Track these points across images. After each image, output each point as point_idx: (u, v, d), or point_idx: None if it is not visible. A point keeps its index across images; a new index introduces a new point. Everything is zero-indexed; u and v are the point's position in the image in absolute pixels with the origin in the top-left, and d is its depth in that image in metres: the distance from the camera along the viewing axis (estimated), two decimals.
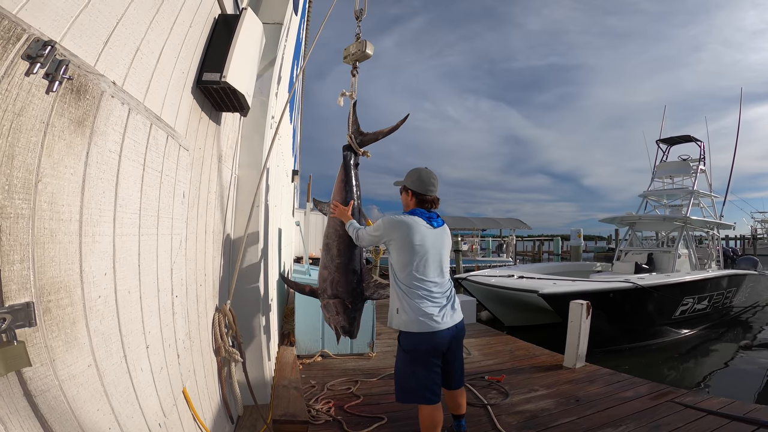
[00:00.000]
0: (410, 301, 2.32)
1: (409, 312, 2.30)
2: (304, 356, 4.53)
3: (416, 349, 2.32)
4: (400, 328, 2.37)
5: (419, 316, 2.28)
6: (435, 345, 2.31)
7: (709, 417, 3.17)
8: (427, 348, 2.31)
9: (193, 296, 2.15)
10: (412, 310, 2.30)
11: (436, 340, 2.30)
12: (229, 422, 2.59)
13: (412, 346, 2.33)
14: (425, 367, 2.33)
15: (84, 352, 1.16)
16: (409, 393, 2.37)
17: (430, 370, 2.33)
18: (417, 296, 2.31)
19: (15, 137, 0.90)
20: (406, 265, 2.34)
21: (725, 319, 10.26)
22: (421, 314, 2.28)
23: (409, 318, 2.30)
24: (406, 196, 2.57)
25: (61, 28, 1.05)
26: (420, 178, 2.52)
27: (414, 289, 2.32)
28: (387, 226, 2.42)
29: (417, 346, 2.31)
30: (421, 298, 2.31)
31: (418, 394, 2.33)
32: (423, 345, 2.30)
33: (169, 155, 1.77)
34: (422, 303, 2.31)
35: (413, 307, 2.30)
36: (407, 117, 2.93)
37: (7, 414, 0.90)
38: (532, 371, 4.40)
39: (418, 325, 2.28)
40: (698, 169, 11.99)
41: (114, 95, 1.28)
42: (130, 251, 1.46)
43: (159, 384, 1.66)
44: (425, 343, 2.29)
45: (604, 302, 6.92)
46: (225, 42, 2.19)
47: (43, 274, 1.00)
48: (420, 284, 2.33)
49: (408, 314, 2.31)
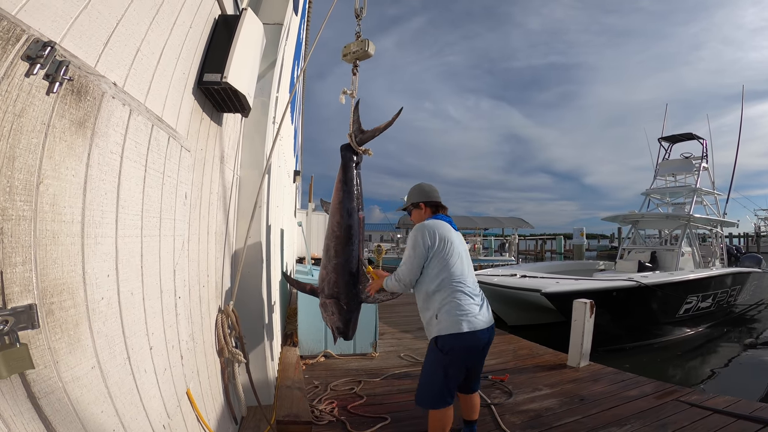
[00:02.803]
0: (451, 302, 2.27)
1: (451, 313, 2.25)
2: (307, 356, 4.53)
3: (456, 348, 2.26)
4: (441, 333, 2.27)
5: (462, 315, 2.24)
6: (475, 344, 2.29)
7: (715, 416, 3.16)
8: (468, 346, 2.28)
9: (196, 297, 2.15)
10: (455, 310, 2.25)
11: (478, 339, 2.28)
12: (232, 423, 2.59)
13: (451, 345, 2.26)
14: (458, 369, 2.30)
15: (87, 353, 1.16)
16: (432, 394, 2.33)
17: (459, 373, 2.32)
18: (458, 297, 2.28)
19: (16, 139, 0.90)
20: (446, 267, 2.32)
21: (729, 318, 10.24)
22: (463, 313, 2.25)
23: (451, 320, 2.25)
24: (419, 211, 2.61)
25: (60, 28, 1.04)
26: (423, 189, 2.64)
27: (455, 290, 2.29)
28: (426, 235, 2.37)
29: (458, 344, 2.25)
30: (463, 296, 2.29)
31: (440, 397, 2.31)
32: (465, 343, 2.26)
33: (171, 156, 1.77)
34: (464, 302, 2.28)
35: (455, 307, 2.26)
36: (401, 110, 2.92)
37: (11, 416, 0.90)
38: (535, 370, 4.38)
39: (462, 324, 2.23)
40: (701, 166, 11.97)
41: (115, 96, 1.28)
42: (133, 253, 1.45)
43: (163, 385, 1.66)
44: (467, 341, 2.25)
45: (608, 301, 6.91)
46: (225, 43, 2.19)
47: (45, 276, 1.00)
48: (459, 285, 2.31)
49: (450, 316, 2.25)
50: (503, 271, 9.86)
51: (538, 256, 37.43)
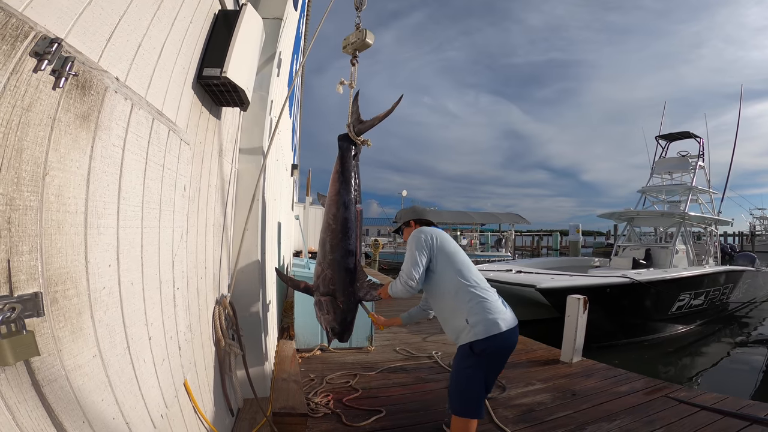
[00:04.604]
0: (478, 304, 2.18)
1: (484, 315, 2.15)
2: (303, 350, 4.57)
3: (495, 351, 2.15)
4: (479, 338, 2.12)
5: (496, 316, 2.15)
6: (511, 342, 2.20)
7: (702, 412, 3.21)
8: (505, 346, 2.18)
9: (194, 289, 2.17)
10: (485, 312, 2.15)
11: (513, 336, 2.19)
12: (229, 415, 2.62)
13: (490, 347, 2.13)
14: (495, 372, 2.23)
15: (89, 342, 1.18)
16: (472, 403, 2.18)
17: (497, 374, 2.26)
18: (482, 297, 2.20)
19: (24, 132, 0.93)
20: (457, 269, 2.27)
21: (722, 316, 10.33)
22: (495, 314, 2.16)
23: (487, 322, 2.13)
24: (410, 230, 2.63)
25: (65, 25, 1.06)
26: (416, 210, 2.79)
27: (475, 291, 2.21)
28: (425, 235, 2.35)
29: (496, 345, 2.14)
30: (486, 294, 2.22)
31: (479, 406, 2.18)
32: (503, 344, 2.15)
33: (171, 149, 1.79)
34: (491, 299, 2.21)
35: (485, 309, 2.16)
36: (401, 98, 2.83)
37: (16, 404, 0.92)
38: (529, 365, 4.44)
39: (499, 325, 2.13)
40: (697, 165, 12.03)
41: (117, 90, 1.30)
42: (133, 243, 1.48)
43: (161, 375, 1.68)
44: (505, 341, 2.15)
45: (602, 297, 6.97)
46: (225, 37, 2.20)
47: (50, 265, 1.03)
48: (476, 286, 2.24)
49: (484, 318, 2.14)
50: (499, 267, 9.92)
51: (535, 252, 37.56)
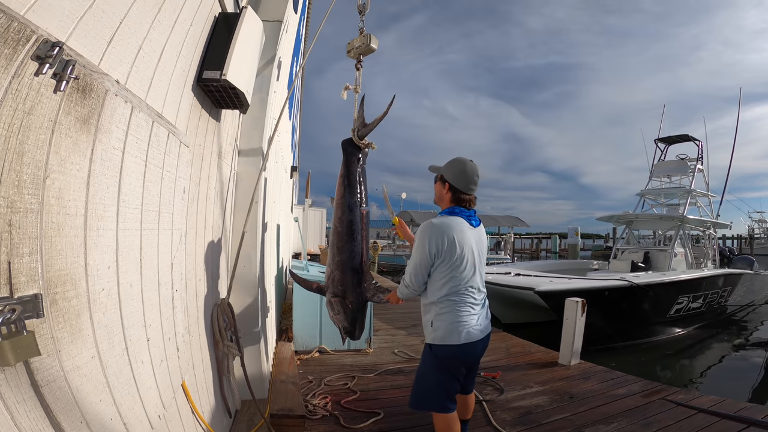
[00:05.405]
0: (450, 311, 2.14)
1: (448, 323, 2.12)
2: (301, 352, 4.57)
3: (449, 357, 2.15)
4: (436, 342, 2.15)
5: (459, 327, 2.11)
6: (471, 354, 2.19)
7: (699, 415, 3.22)
8: (462, 357, 2.17)
9: (192, 290, 2.18)
10: (452, 320, 2.12)
11: (473, 350, 2.17)
12: (226, 416, 2.62)
13: (444, 354, 2.15)
14: (453, 376, 2.20)
15: (88, 343, 1.19)
16: (429, 399, 2.22)
17: (456, 380, 2.21)
18: (459, 306, 2.14)
19: (25, 135, 0.94)
20: (452, 277, 2.15)
21: (720, 318, 10.35)
22: (460, 325, 2.11)
23: (447, 329, 2.12)
24: (441, 187, 2.32)
25: (66, 28, 1.07)
26: (464, 172, 2.25)
27: (457, 298, 2.15)
28: (432, 238, 2.13)
29: (452, 354, 2.14)
30: (463, 306, 2.15)
31: (439, 402, 2.20)
32: (459, 354, 2.15)
33: (170, 152, 1.80)
34: (464, 311, 2.14)
35: (453, 317, 2.13)
36: (394, 98, 2.78)
37: (15, 404, 0.92)
38: (527, 368, 4.44)
39: (458, 336, 2.10)
40: (696, 168, 12.07)
41: (117, 93, 1.31)
42: (132, 245, 1.49)
43: (159, 377, 1.69)
44: (462, 353, 2.14)
45: (600, 300, 6.98)
46: (225, 40, 2.21)
47: (50, 267, 1.03)
48: (465, 293, 2.16)
49: (447, 326, 2.12)
50: (498, 269, 9.93)
51: (534, 254, 37.58)
